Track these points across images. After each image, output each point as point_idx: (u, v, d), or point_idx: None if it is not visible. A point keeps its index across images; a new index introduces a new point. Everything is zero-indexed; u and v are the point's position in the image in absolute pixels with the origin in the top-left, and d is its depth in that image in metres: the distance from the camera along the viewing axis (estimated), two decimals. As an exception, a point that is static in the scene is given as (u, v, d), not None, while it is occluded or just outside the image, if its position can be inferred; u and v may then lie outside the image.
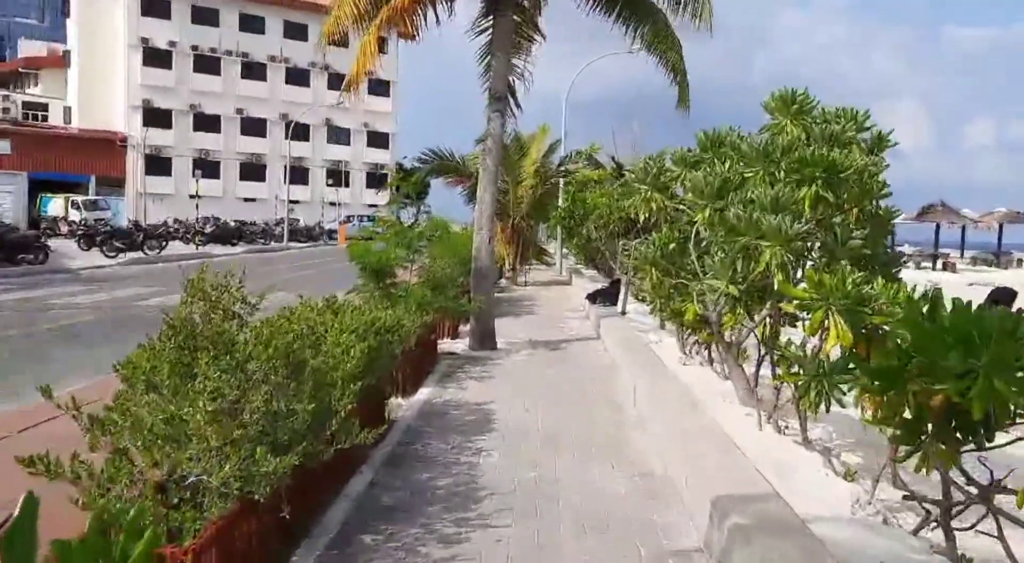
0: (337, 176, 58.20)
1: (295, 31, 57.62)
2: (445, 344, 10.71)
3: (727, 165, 6.86)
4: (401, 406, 7.29)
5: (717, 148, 7.12)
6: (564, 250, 25.91)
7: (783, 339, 6.11)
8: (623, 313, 12.81)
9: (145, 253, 27.45)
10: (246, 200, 55.81)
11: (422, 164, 19.29)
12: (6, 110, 51.58)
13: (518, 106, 12.46)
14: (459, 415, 6.80)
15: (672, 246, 8.32)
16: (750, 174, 6.19)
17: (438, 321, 10.42)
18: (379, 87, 61.32)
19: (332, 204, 56.61)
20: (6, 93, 53.47)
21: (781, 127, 6.40)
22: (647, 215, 7.76)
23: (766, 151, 6.08)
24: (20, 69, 59.47)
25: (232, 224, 40.85)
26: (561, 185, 22.67)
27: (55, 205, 45.07)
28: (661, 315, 8.67)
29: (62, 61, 55.15)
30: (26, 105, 53.93)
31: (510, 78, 11.39)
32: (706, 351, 8.72)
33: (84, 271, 22.22)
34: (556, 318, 14.10)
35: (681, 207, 7.84)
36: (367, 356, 4.98)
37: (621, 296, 13.21)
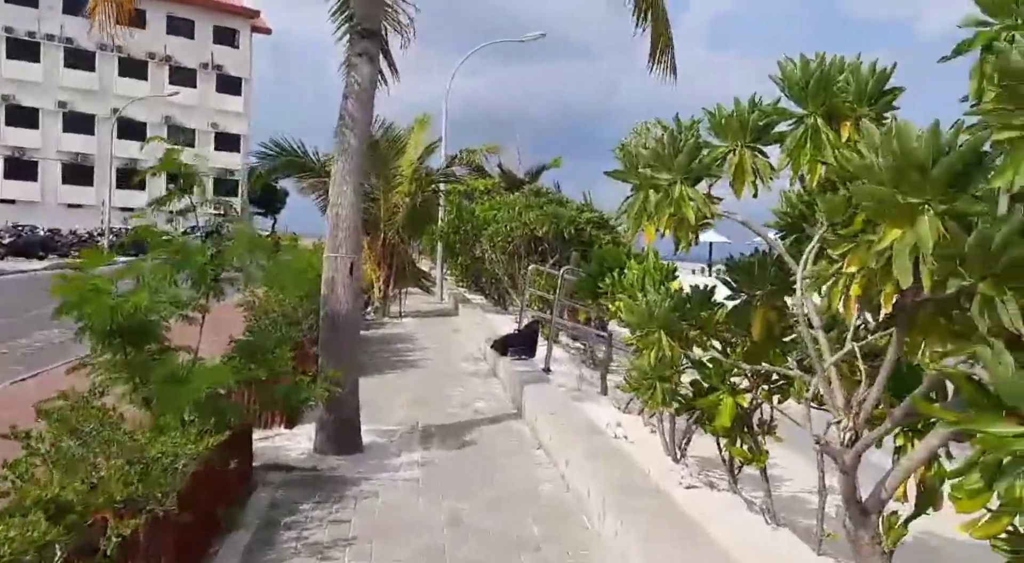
0: (178, 181, 51.52)
1: (131, 17, 50.80)
2: (272, 440, 6.48)
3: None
4: None
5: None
6: (444, 271, 21.86)
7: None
8: (546, 370, 8.95)
9: None
10: (70, 206, 48.34)
11: (261, 160, 14.74)
12: None
13: (393, 69, 8.44)
14: None
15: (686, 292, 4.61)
16: None
17: (256, 404, 6.23)
18: (229, 84, 55.59)
19: (176, 212, 49.98)
20: None
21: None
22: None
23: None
24: None
25: (42, 233, 34.21)
26: (443, 193, 18.65)
27: None
28: (664, 410, 4.88)
29: None
30: None
31: (382, 22, 7.40)
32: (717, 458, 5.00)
33: None
34: (450, 374, 10.01)
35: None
36: None
37: (545, 347, 9.33)
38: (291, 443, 6.43)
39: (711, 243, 35.22)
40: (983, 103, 2.52)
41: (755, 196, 3.71)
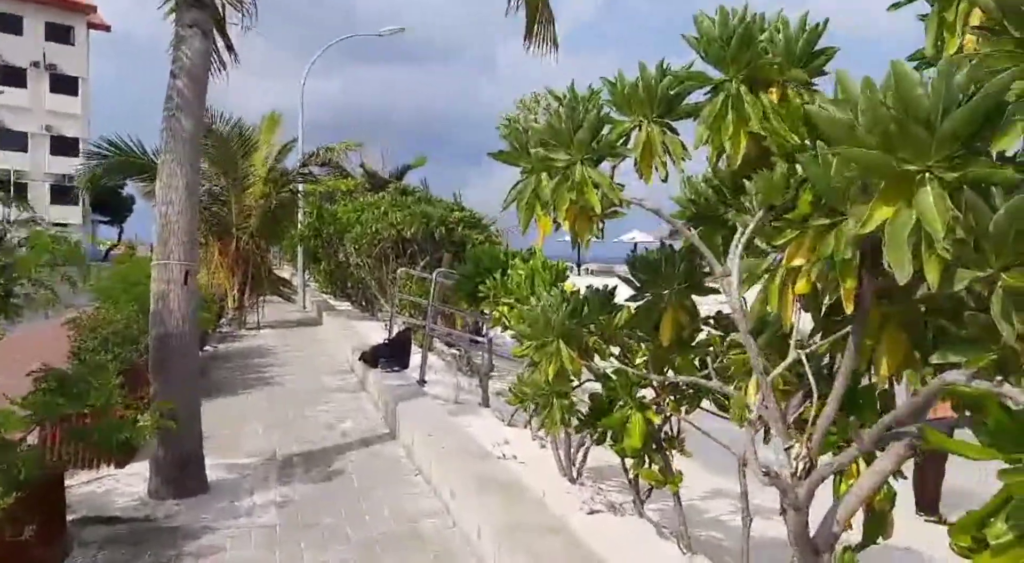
0: (10, 188, 46.97)
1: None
2: (100, 483, 5.43)
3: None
4: None
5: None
6: (307, 277, 20.61)
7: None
8: (422, 382, 8.21)
9: None
10: None
11: (94, 162, 13.19)
12: None
13: (231, 50, 7.49)
14: None
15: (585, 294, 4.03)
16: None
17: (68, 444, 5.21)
18: (63, 84, 51.35)
19: (3, 222, 45.46)
20: None
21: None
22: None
23: None
24: None
25: None
26: (301, 194, 17.50)
27: None
28: (557, 430, 4.25)
29: None
30: None
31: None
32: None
33: None
34: (314, 391, 9.07)
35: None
36: None
37: (420, 357, 8.56)
38: (122, 485, 5.40)
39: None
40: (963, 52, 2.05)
41: (665, 180, 3.15)
